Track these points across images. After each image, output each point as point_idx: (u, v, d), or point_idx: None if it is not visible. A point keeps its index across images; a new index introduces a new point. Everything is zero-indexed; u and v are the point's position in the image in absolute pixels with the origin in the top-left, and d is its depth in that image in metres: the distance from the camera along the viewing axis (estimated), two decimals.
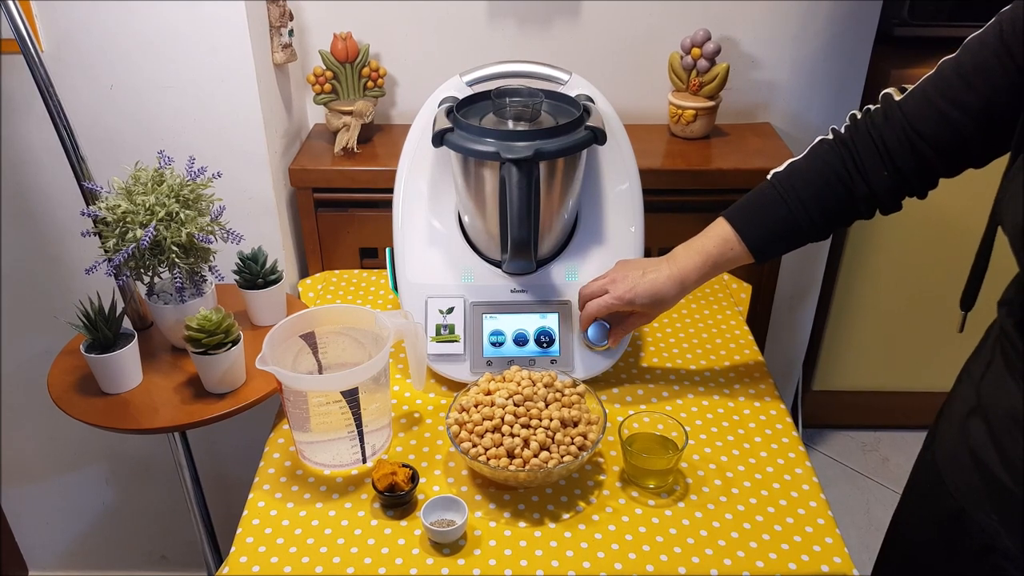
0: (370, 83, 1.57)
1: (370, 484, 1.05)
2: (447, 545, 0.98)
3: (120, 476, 1.82)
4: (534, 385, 1.09)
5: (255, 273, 1.27)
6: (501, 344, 1.21)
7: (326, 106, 1.56)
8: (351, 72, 1.54)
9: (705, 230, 1.10)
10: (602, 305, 1.13)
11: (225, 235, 1.18)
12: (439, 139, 1.12)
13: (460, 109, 1.18)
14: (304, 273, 1.64)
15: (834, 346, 2.11)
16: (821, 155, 1.02)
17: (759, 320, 1.72)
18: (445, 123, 1.13)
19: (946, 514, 0.96)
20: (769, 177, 1.06)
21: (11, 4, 1.09)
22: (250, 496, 1.06)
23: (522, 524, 1.01)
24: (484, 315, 1.22)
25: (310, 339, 1.14)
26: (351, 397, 1.04)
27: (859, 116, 1.00)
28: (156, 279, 1.19)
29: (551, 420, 1.04)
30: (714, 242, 1.08)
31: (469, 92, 1.23)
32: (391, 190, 1.27)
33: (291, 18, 1.45)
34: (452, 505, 1.00)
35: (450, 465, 1.10)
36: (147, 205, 1.11)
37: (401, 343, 1.27)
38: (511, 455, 1.02)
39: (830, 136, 1.03)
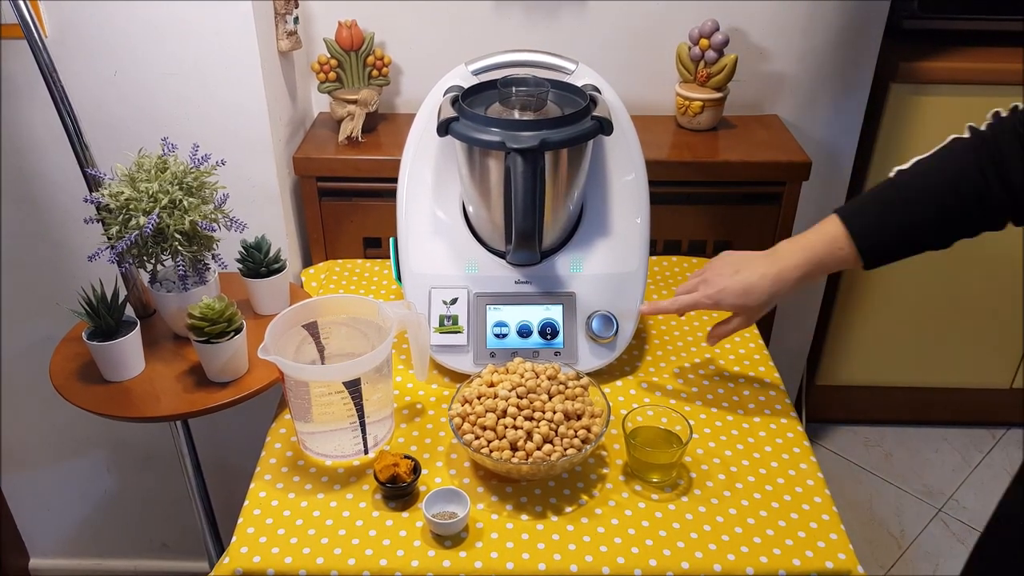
0: (375, 72, 1.56)
1: (372, 475, 1.05)
2: (449, 537, 0.97)
3: (121, 464, 1.81)
4: (537, 377, 1.08)
5: (258, 262, 1.27)
6: (505, 336, 1.20)
7: (330, 94, 1.55)
8: (356, 60, 1.53)
9: (815, 227, 1.01)
10: (684, 303, 1.09)
11: (228, 223, 1.18)
12: (444, 128, 1.11)
13: (465, 98, 1.17)
14: (307, 262, 1.63)
15: (839, 341, 2.10)
16: (953, 154, 0.93)
17: (765, 315, 1.71)
18: (450, 112, 1.12)
19: None
20: (892, 175, 0.96)
21: None
22: (251, 486, 1.06)
23: (524, 517, 1.01)
24: (488, 306, 1.21)
25: (313, 329, 1.14)
26: (353, 388, 1.04)
27: (1004, 114, 0.90)
28: (159, 267, 1.19)
29: (554, 413, 1.03)
30: (822, 240, 0.99)
31: (474, 81, 1.22)
32: (395, 179, 1.27)
33: (296, 5, 1.44)
34: (454, 497, 1.00)
35: (452, 457, 1.09)
36: (150, 192, 1.10)
37: (404, 334, 1.27)
38: (514, 447, 1.01)
39: (966, 134, 0.92)
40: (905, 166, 0.96)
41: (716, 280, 1.07)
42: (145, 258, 1.15)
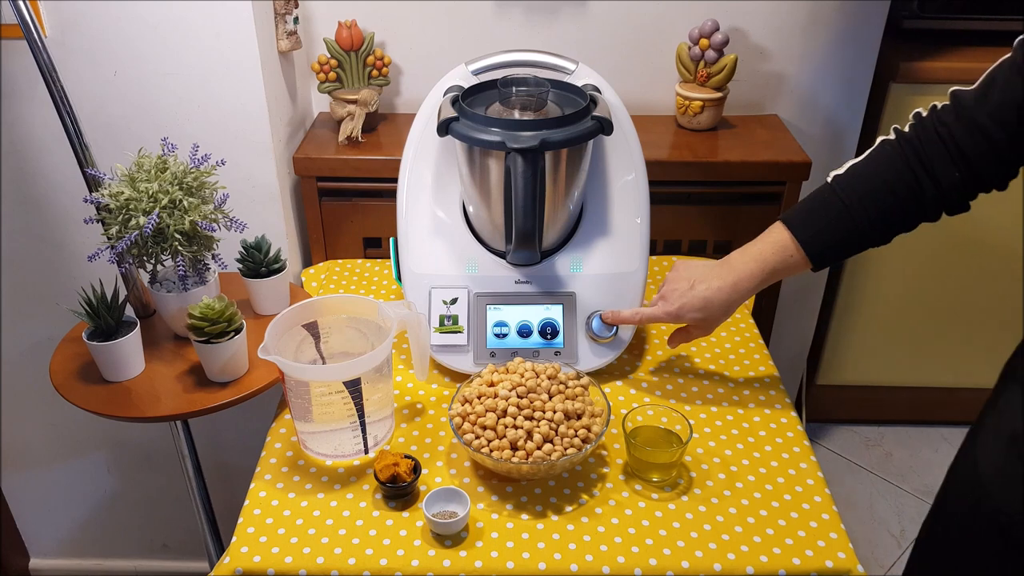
0: (375, 72, 1.56)
1: (372, 475, 1.05)
2: (449, 537, 0.97)
3: (122, 464, 1.81)
4: (537, 377, 1.08)
5: (258, 262, 1.27)
6: (505, 335, 1.20)
7: (330, 95, 1.55)
8: (356, 60, 1.53)
9: (762, 235, 1.06)
10: (645, 316, 1.14)
11: (228, 223, 1.18)
12: (444, 128, 1.11)
13: (465, 98, 1.17)
14: (307, 262, 1.63)
15: (839, 341, 2.10)
16: (884, 157, 0.97)
17: (764, 314, 1.71)
18: (450, 112, 1.12)
19: (992, 526, 0.91)
20: (829, 180, 1.01)
21: None
22: (252, 486, 1.06)
23: (524, 517, 1.01)
24: (488, 306, 1.21)
25: (313, 329, 1.14)
26: (353, 387, 1.04)
27: (924, 114, 0.95)
28: (159, 267, 1.19)
29: (554, 412, 1.03)
30: (772, 248, 1.04)
31: (475, 81, 1.22)
32: (395, 179, 1.27)
33: (296, 5, 1.44)
34: (454, 497, 1.00)
35: (452, 457, 1.09)
36: (150, 192, 1.10)
37: (404, 334, 1.27)
38: (514, 447, 1.01)
39: (892, 136, 0.98)
40: (840, 171, 1.01)
41: (673, 297, 1.10)
42: (145, 258, 1.15)
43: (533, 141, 1.06)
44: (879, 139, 0.99)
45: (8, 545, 1.89)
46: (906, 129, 0.97)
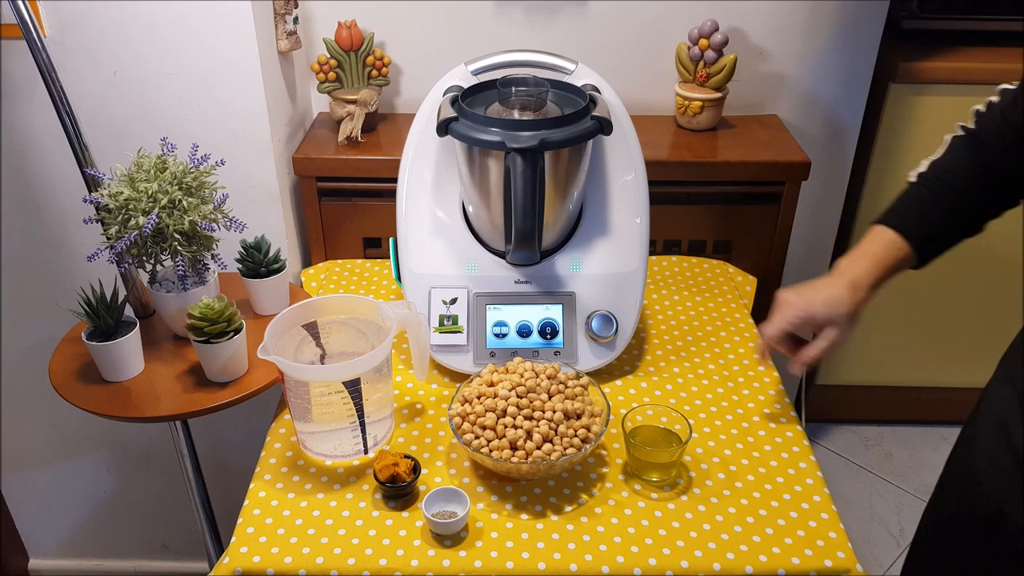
0: (374, 72, 1.56)
1: (372, 475, 1.05)
2: (449, 537, 0.97)
3: (121, 464, 1.81)
4: (537, 377, 1.08)
5: (258, 262, 1.27)
6: (504, 335, 1.20)
7: (330, 95, 1.55)
8: (355, 60, 1.53)
9: (863, 240, 1.04)
10: (781, 321, 1.06)
11: (228, 223, 1.18)
12: (444, 128, 1.11)
13: (465, 98, 1.17)
14: (307, 262, 1.63)
15: None
16: (955, 149, 1.00)
17: (764, 314, 1.70)
18: (450, 112, 1.12)
19: (985, 516, 0.93)
20: (913, 179, 1.02)
21: None
22: (251, 486, 1.06)
23: (524, 516, 1.01)
24: (488, 306, 1.21)
25: (312, 329, 1.14)
26: (353, 387, 1.04)
27: (983, 109, 0.98)
28: (158, 267, 1.19)
29: (554, 412, 1.03)
30: (879, 246, 1.03)
31: (474, 81, 1.22)
32: (395, 179, 1.27)
33: (296, 5, 1.44)
34: (454, 497, 1.00)
35: (452, 456, 1.09)
36: (150, 192, 1.10)
37: (404, 334, 1.27)
38: (514, 447, 1.01)
39: (960, 132, 1.00)
40: (923, 169, 1.02)
41: (794, 300, 1.06)
42: (144, 258, 1.15)
43: (533, 141, 1.06)
44: (948, 135, 1.02)
45: (8, 545, 1.89)
46: (971, 125, 0.99)
